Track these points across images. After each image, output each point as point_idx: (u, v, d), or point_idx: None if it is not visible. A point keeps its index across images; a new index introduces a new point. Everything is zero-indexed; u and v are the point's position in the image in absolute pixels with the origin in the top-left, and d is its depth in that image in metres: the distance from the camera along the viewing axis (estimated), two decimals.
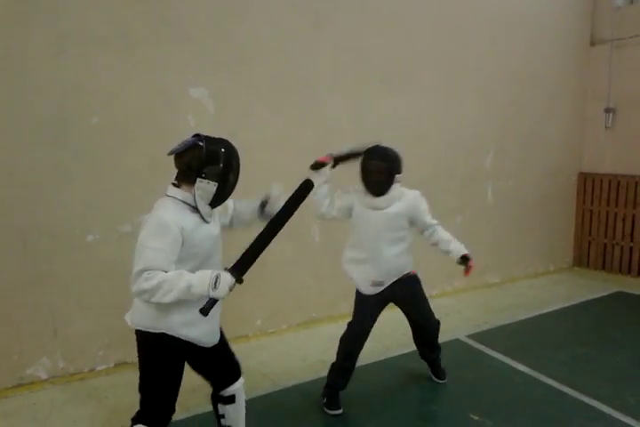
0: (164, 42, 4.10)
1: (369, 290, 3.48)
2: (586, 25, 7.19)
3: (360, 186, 3.42)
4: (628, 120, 6.92)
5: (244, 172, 4.42)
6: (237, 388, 2.77)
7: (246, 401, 2.88)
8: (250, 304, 4.65)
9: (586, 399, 3.62)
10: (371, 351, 4.34)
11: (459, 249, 3.51)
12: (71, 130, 3.83)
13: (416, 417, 3.48)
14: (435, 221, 3.53)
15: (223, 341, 2.74)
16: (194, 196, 2.39)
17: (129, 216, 4.06)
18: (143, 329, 2.45)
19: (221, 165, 2.39)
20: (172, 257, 2.28)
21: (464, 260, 3.47)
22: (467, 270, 3.47)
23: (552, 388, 3.80)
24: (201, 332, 2.49)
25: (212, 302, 2.24)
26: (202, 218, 2.42)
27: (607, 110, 7.13)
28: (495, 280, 6.52)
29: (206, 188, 2.38)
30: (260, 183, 4.54)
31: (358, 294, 3.55)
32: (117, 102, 3.97)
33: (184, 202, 2.40)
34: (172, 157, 2.45)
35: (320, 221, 4.41)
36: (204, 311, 2.24)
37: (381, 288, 3.48)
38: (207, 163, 2.36)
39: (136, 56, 4.00)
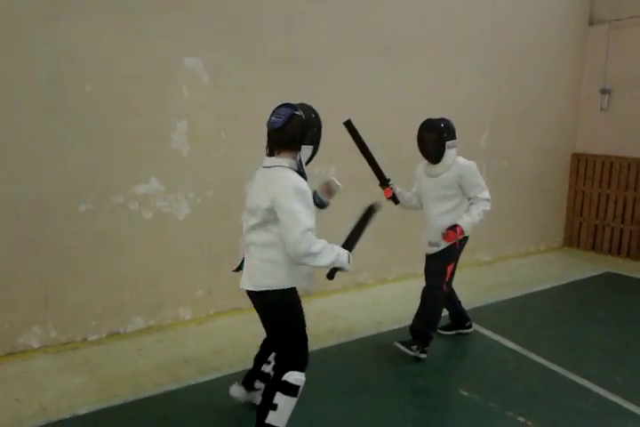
0: (159, 10, 3.99)
1: (428, 250, 3.93)
2: (585, 4, 7.11)
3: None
4: (624, 102, 6.90)
5: (242, 145, 4.44)
6: None
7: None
8: None
9: (575, 378, 3.66)
10: (363, 326, 4.40)
11: (461, 218, 3.77)
12: (65, 98, 3.75)
13: (406, 391, 3.52)
14: (480, 195, 3.78)
15: None
16: (299, 161, 2.60)
17: (122, 187, 4.02)
18: (275, 288, 2.63)
19: (315, 129, 2.64)
20: (314, 217, 2.53)
21: (451, 227, 3.74)
22: (448, 231, 3.73)
23: (541, 366, 3.84)
24: (311, 282, 2.80)
25: (336, 271, 2.74)
26: (306, 180, 2.61)
27: (603, 91, 7.09)
28: (487, 258, 6.56)
29: (306, 152, 2.64)
30: (253, 155, 4.51)
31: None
32: (111, 70, 3.88)
33: (290, 168, 2.58)
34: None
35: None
36: (331, 277, 2.77)
37: (437, 249, 3.85)
38: (307, 129, 2.58)
39: (131, 24, 3.90)
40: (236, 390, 3.13)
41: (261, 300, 2.68)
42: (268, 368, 3.07)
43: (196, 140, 4.26)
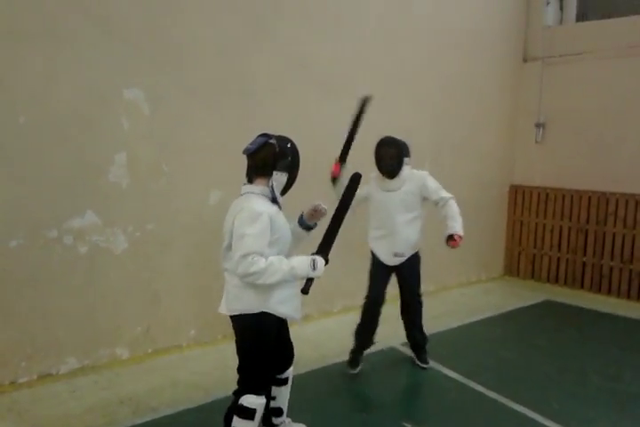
0: (95, 40, 3.94)
1: (392, 261, 4.08)
2: (519, 42, 7.50)
3: (376, 173, 4.09)
4: (557, 135, 7.24)
5: (184, 176, 4.40)
6: (291, 370, 3.12)
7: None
8: (184, 314, 4.55)
9: (513, 405, 3.72)
10: (307, 360, 4.34)
11: (452, 227, 3.95)
12: None
13: (347, 425, 3.48)
14: (448, 195, 4.03)
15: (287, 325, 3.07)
16: (271, 187, 2.73)
17: (56, 221, 3.89)
18: (244, 312, 2.73)
19: (289, 158, 2.75)
20: (266, 241, 2.60)
21: (450, 237, 3.92)
22: (450, 242, 3.92)
23: (482, 394, 3.89)
24: (292, 308, 2.85)
25: (310, 283, 2.67)
26: (279, 207, 2.77)
27: (537, 125, 7.44)
28: (430, 289, 6.63)
29: (280, 179, 2.74)
30: (195, 187, 4.50)
31: (373, 266, 4.19)
32: (45, 102, 3.80)
33: (261, 194, 2.73)
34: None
35: None
36: (306, 291, 2.67)
37: (403, 259, 4.06)
38: (280, 157, 2.72)
39: (65, 53, 3.83)
40: None
41: (233, 324, 2.81)
42: (274, 403, 3.14)
43: (135, 172, 4.19)
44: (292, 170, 2.79)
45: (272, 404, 3.12)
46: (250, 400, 2.75)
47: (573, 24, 7.38)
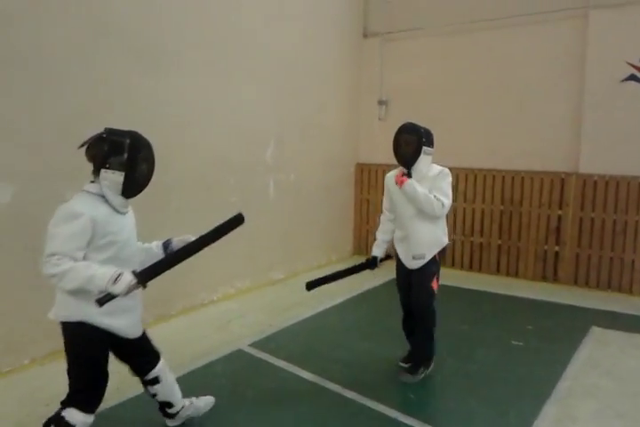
0: None
1: (411, 264, 3.71)
2: (359, 17, 7.29)
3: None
4: (399, 112, 7.19)
5: None
6: (159, 369, 2.90)
7: None
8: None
9: (370, 403, 3.47)
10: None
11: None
12: None
13: None
14: (444, 200, 3.55)
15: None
16: (101, 187, 2.50)
17: None
18: (63, 320, 2.54)
19: (126, 155, 2.48)
20: (79, 244, 2.39)
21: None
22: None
23: (337, 394, 3.60)
24: (122, 323, 2.62)
25: (108, 296, 2.36)
26: (114, 209, 2.53)
27: (380, 102, 7.34)
28: (280, 276, 6.31)
29: (112, 178, 2.49)
30: None
31: (396, 270, 3.89)
32: None
33: (96, 194, 2.51)
34: None
35: None
36: (99, 302, 2.36)
37: (423, 261, 3.66)
38: (111, 153, 2.48)
39: None
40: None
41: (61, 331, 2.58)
42: (159, 398, 2.99)
43: None
44: (132, 169, 2.51)
45: (157, 399, 2.98)
46: (73, 415, 2.53)
47: None
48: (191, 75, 5.00)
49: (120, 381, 3.15)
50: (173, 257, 2.59)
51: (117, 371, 2.85)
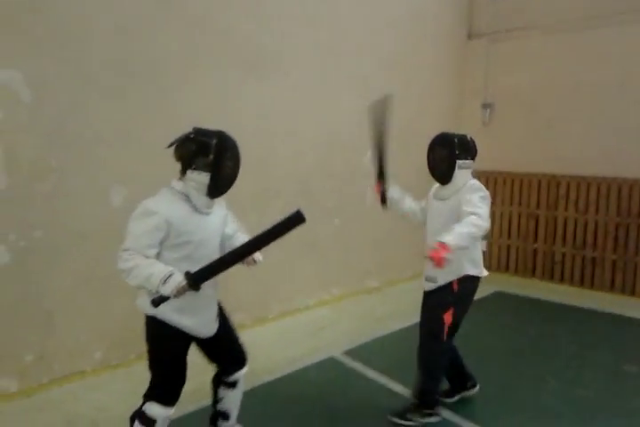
0: None
1: (425, 285, 3.28)
2: (463, 18, 7.05)
3: None
4: (506, 116, 6.89)
5: (78, 173, 3.74)
6: (242, 374, 2.86)
7: None
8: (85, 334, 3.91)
9: (464, 424, 3.29)
10: None
11: (442, 236, 2.84)
12: None
13: None
14: (478, 211, 2.94)
15: (228, 327, 2.81)
16: (187, 186, 2.49)
17: None
18: (142, 311, 2.56)
19: (212, 156, 2.45)
20: (150, 242, 2.38)
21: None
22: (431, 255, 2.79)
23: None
24: (193, 321, 2.57)
25: (161, 297, 2.30)
26: (195, 208, 2.50)
27: (484, 106, 7.04)
28: (375, 284, 6.19)
29: (198, 179, 2.47)
30: (93, 186, 3.83)
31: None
32: None
33: (180, 192, 2.51)
34: None
35: None
36: (153, 303, 2.31)
37: (435, 285, 3.19)
38: (198, 154, 2.45)
39: None
40: None
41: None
42: (220, 406, 2.90)
43: (16, 170, 3.50)
44: (218, 170, 2.48)
45: (218, 406, 2.89)
46: (153, 409, 2.55)
47: None
48: (295, 85, 5.10)
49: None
50: (226, 259, 2.40)
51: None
